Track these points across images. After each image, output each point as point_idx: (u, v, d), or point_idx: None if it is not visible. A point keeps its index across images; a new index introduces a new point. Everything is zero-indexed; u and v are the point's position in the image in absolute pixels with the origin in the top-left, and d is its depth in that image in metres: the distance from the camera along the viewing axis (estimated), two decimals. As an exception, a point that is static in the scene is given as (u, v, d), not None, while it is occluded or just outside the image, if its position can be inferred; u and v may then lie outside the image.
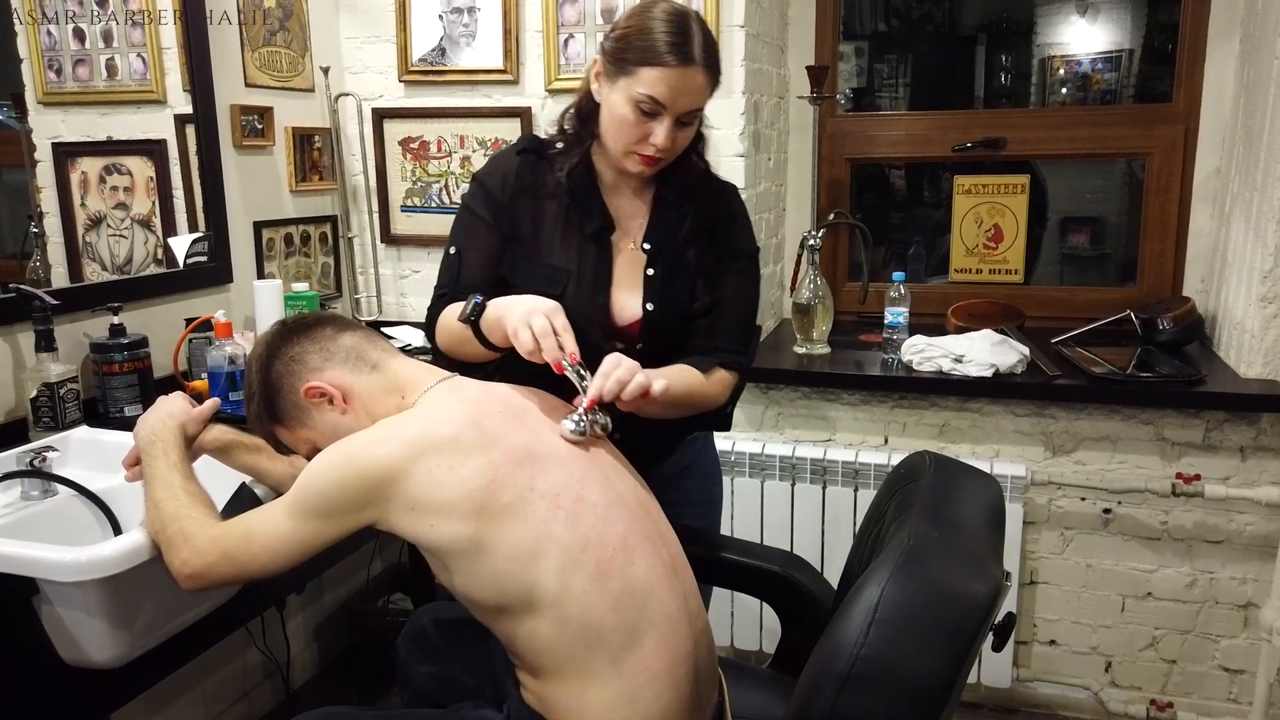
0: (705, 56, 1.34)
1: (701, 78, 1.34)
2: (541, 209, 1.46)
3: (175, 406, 1.35)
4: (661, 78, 1.32)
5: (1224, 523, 2.14)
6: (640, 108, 1.34)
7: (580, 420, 1.20)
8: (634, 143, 1.37)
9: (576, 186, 1.45)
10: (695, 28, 1.34)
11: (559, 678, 1.13)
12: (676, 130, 1.36)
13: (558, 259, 1.45)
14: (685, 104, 1.34)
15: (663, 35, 1.32)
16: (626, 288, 1.46)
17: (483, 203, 1.47)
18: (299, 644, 2.47)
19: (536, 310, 1.21)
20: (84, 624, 1.22)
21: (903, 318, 2.32)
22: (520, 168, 1.47)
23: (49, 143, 1.86)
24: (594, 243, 1.45)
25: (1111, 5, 3.02)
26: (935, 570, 0.97)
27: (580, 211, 1.45)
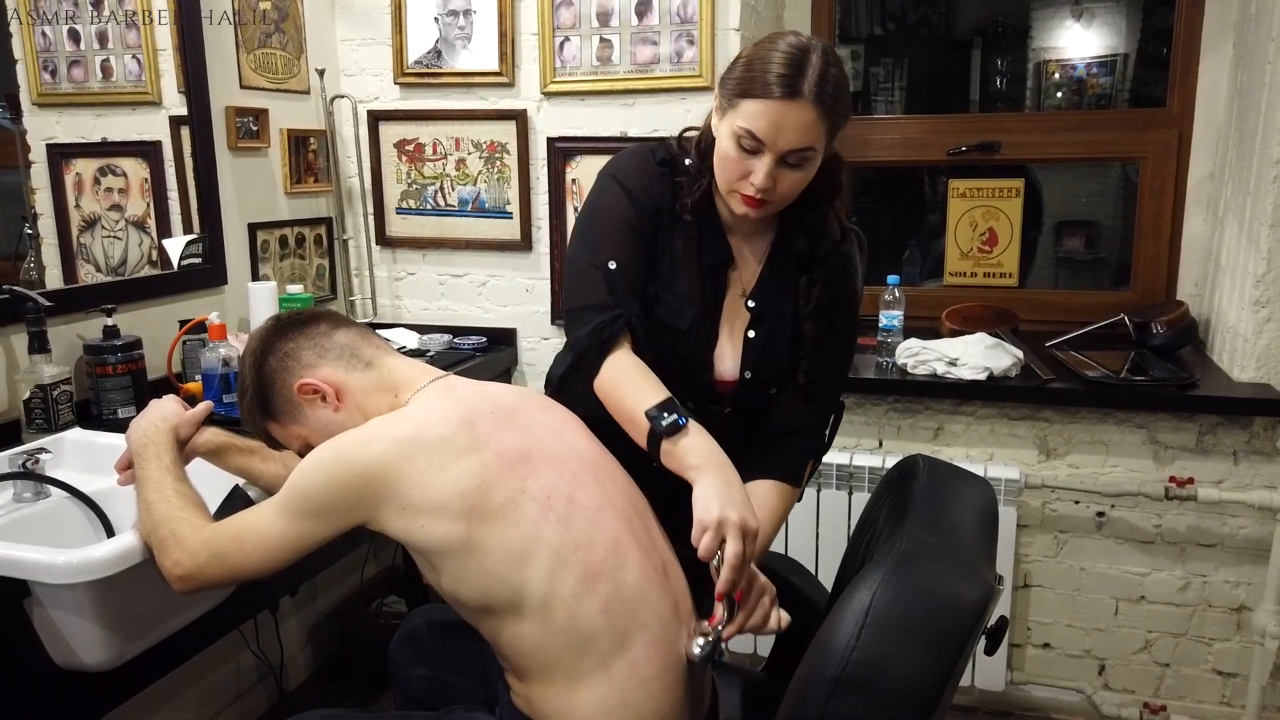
0: (818, 92, 1.20)
1: (810, 114, 1.21)
2: (673, 233, 1.36)
3: (168, 409, 1.35)
4: (761, 111, 1.21)
5: (1217, 526, 2.14)
6: (741, 143, 1.24)
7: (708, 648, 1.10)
8: (735, 180, 1.27)
9: (702, 222, 1.36)
10: (815, 60, 1.21)
11: (546, 680, 1.13)
12: (780, 170, 1.25)
13: (687, 289, 1.36)
14: (788, 142, 1.22)
15: (771, 66, 1.21)
16: (726, 342, 1.38)
17: (632, 212, 1.34)
18: (293, 647, 2.47)
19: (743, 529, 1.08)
20: (76, 626, 1.21)
21: (897, 321, 2.32)
22: (662, 181, 1.36)
23: (44, 144, 1.86)
24: (711, 279, 1.37)
25: (1106, 10, 3.03)
26: (927, 574, 0.97)
27: (706, 247, 1.36)
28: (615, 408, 1.27)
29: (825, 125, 1.23)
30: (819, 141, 1.24)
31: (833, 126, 1.25)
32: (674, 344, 1.36)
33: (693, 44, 2.29)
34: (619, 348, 1.29)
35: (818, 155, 1.26)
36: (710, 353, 1.38)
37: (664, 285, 1.36)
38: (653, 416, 1.19)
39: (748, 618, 1.12)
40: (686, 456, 1.16)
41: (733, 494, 1.11)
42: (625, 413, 1.24)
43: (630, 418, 1.23)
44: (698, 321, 1.36)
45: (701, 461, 1.15)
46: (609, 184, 1.37)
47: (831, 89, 1.22)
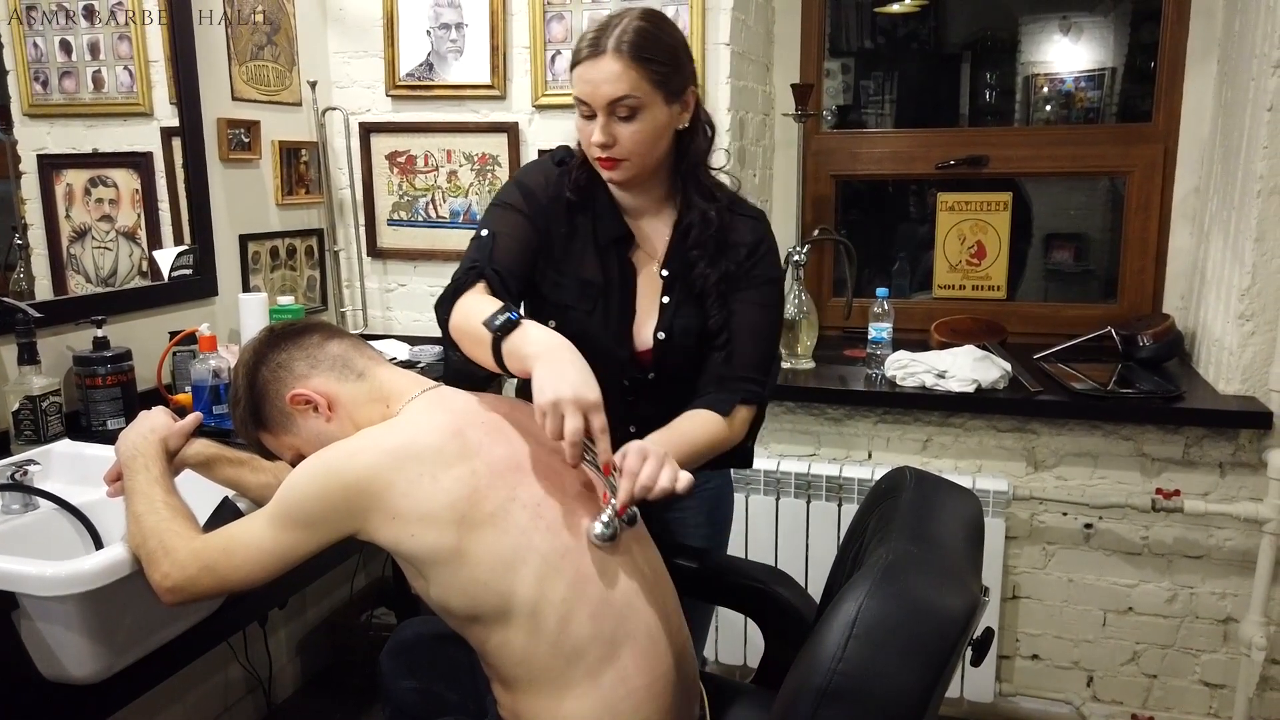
0: (617, 44, 1.31)
1: (615, 64, 1.31)
2: (570, 222, 1.45)
3: (157, 421, 1.35)
4: (578, 75, 1.34)
5: (1203, 538, 2.16)
6: (581, 113, 1.36)
7: (610, 523, 1.12)
8: (588, 148, 1.38)
9: (594, 204, 1.45)
10: (622, 23, 1.33)
11: (533, 690, 1.13)
12: (615, 125, 1.34)
13: (589, 273, 1.44)
14: (606, 93, 1.32)
15: (585, 35, 1.35)
16: (644, 313, 1.45)
17: (520, 198, 1.45)
18: (281, 659, 2.46)
19: (578, 404, 1.09)
20: (64, 639, 1.21)
21: (886, 333, 2.33)
22: (559, 177, 1.46)
23: (34, 154, 1.86)
24: (616, 258, 1.44)
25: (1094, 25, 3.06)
26: (913, 585, 0.97)
27: (602, 228, 1.45)
28: (462, 337, 1.29)
29: (638, 73, 1.31)
30: (637, 88, 1.32)
31: (652, 75, 1.32)
32: (584, 325, 1.42)
33: (683, 58, 2.30)
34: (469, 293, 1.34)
35: (649, 105, 1.34)
36: (627, 328, 1.44)
37: (561, 269, 1.44)
38: (487, 322, 1.21)
39: (633, 482, 1.10)
40: (523, 347, 1.17)
41: (565, 373, 1.11)
42: (469, 336, 1.26)
43: (475, 339, 1.24)
44: (601, 299, 1.43)
45: (536, 350, 1.16)
46: (507, 185, 1.50)
47: (635, 39, 1.31)
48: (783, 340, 2.40)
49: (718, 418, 1.40)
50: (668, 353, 1.44)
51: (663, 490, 1.12)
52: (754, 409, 1.46)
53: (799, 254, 2.40)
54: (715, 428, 1.40)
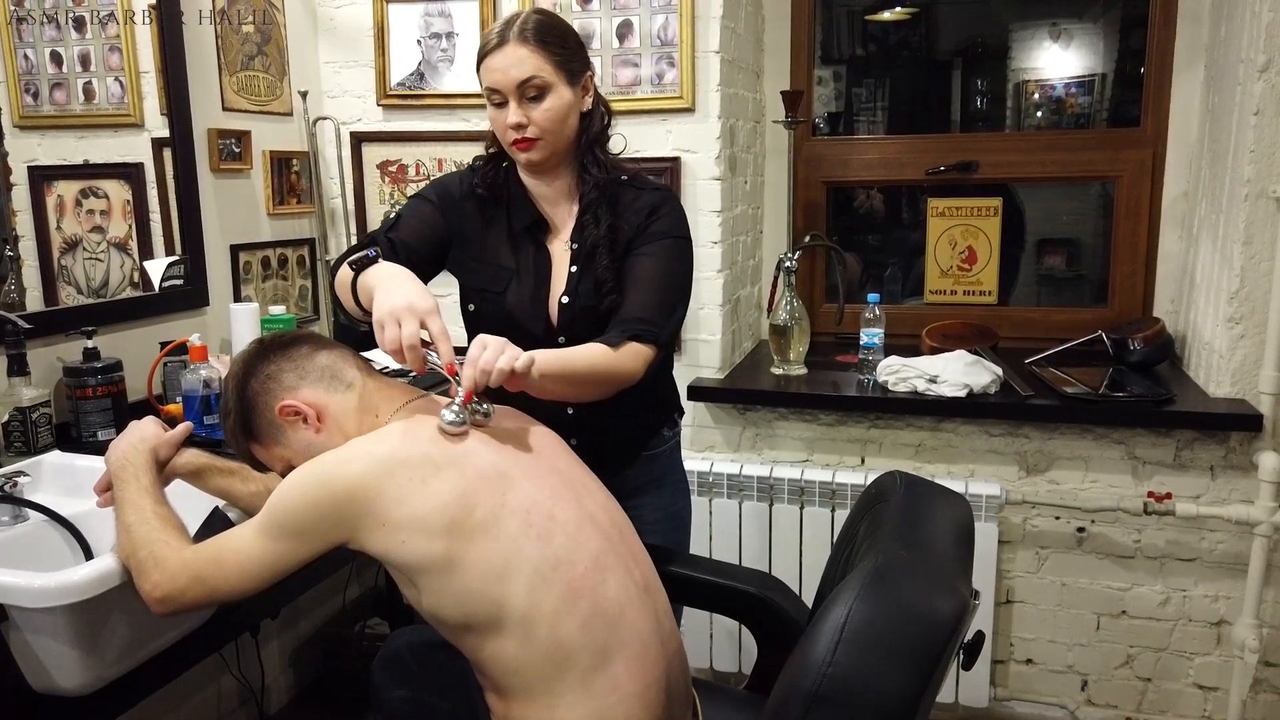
0: (519, 32, 1.41)
1: (521, 49, 1.41)
2: (487, 221, 1.56)
3: (148, 431, 1.35)
4: (488, 66, 1.43)
5: (1195, 541, 2.16)
6: (492, 102, 1.45)
7: (459, 413, 1.18)
8: (503, 134, 1.46)
9: (508, 197, 1.55)
10: (521, 15, 1.44)
11: (526, 698, 1.13)
12: (528, 106, 1.43)
13: (502, 259, 1.54)
14: (515, 76, 1.41)
15: (490, 32, 1.45)
16: (557, 287, 1.53)
17: (433, 193, 1.57)
18: (274, 670, 2.45)
19: (411, 311, 1.17)
20: (54, 651, 1.21)
21: (878, 339, 2.34)
22: (469, 179, 1.57)
23: (25, 166, 1.86)
24: (531, 243, 1.54)
25: (1084, 31, 3.08)
26: (902, 589, 0.98)
27: (514, 216, 1.54)
28: (339, 288, 1.36)
29: (541, 56, 1.42)
30: (542, 70, 1.42)
31: (554, 58, 1.43)
32: (499, 304, 1.52)
33: (673, 66, 2.31)
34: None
35: (553, 86, 1.44)
36: (540, 306, 1.52)
37: (479, 259, 1.55)
38: (351, 262, 1.30)
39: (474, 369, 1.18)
40: (373, 284, 1.24)
41: (400, 288, 1.20)
42: (341, 284, 1.34)
43: (343, 284, 1.33)
44: (514, 279, 1.52)
45: (379, 281, 1.23)
46: (428, 183, 1.62)
47: (535, 26, 1.43)
48: (775, 346, 2.41)
49: (602, 346, 1.41)
50: (572, 315, 1.51)
51: (501, 372, 1.18)
52: (649, 347, 1.44)
53: (790, 260, 2.40)
54: (597, 353, 1.40)
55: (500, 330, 1.40)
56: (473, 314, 1.58)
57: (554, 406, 1.47)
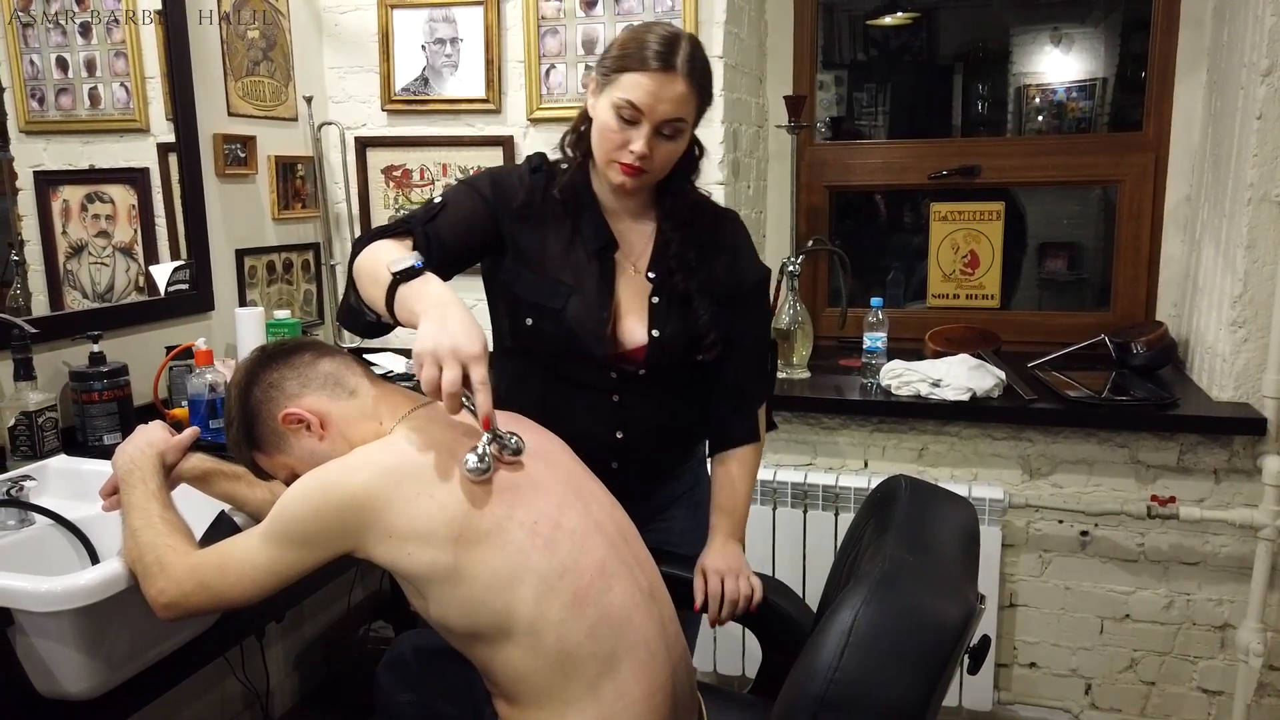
0: (689, 68, 1.33)
1: (682, 87, 1.33)
2: (546, 231, 1.46)
3: (154, 435, 1.35)
4: (639, 82, 1.32)
5: (1199, 544, 2.16)
6: (621, 114, 1.34)
7: (482, 456, 1.12)
8: (614, 149, 1.36)
9: (577, 207, 1.45)
10: (685, 44, 1.35)
11: (535, 706, 1.13)
12: (657, 140, 1.35)
13: (560, 272, 1.45)
14: (664, 111, 1.33)
15: (648, 44, 1.34)
16: (633, 314, 1.46)
17: (488, 187, 1.45)
18: (279, 673, 2.45)
19: (456, 355, 1.08)
20: (59, 655, 1.21)
21: (881, 343, 2.34)
22: (533, 187, 1.46)
23: (31, 171, 1.87)
24: (597, 260, 1.45)
25: (1085, 35, 3.08)
26: (909, 594, 0.98)
27: (582, 230, 1.45)
28: (362, 275, 1.27)
29: (695, 100, 1.36)
30: (690, 115, 1.37)
31: (700, 103, 1.38)
32: (558, 321, 1.43)
33: (677, 71, 2.31)
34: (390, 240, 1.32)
35: (688, 129, 1.39)
36: (607, 326, 1.44)
37: (534, 267, 1.44)
38: (390, 265, 1.19)
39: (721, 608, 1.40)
40: (415, 301, 1.16)
41: (447, 324, 1.10)
42: (369, 275, 1.25)
43: (373, 278, 1.23)
44: (574, 296, 1.43)
45: (425, 304, 1.15)
46: (484, 173, 1.51)
47: (700, 65, 1.36)
48: (778, 350, 2.41)
49: (751, 447, 1.54)
50: (660, 352, 1.46)
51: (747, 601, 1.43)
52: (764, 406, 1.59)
53: (793, 264, 2.41)
54: (755, 459, 1.56)
55: (559, 349, 1.44)
56: (531, 329, 1.46)
57: (600, 429, 1.47)
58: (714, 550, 1.49)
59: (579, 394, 1.47)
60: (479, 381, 1.10)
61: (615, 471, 1.43)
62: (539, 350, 1.47)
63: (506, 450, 1.16)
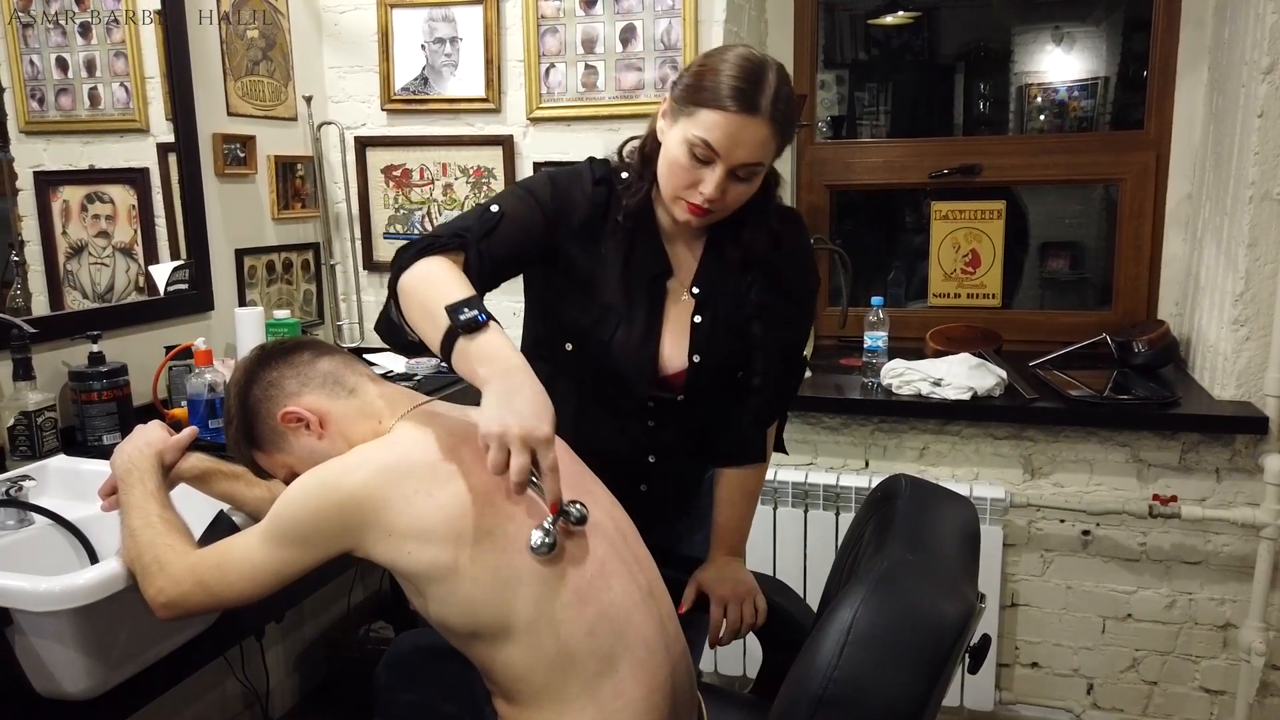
0: (774, 110, 1.23)
1: (764, 131, 1.23)
2: (601, 246, 1.37)
3: (153, 435, 1.35)
4: (718, 123, 1.22)
5: (1201, 544, 2.16)
6: (694, 152, 1.24)
7: (549, 531, 1.08)
8: (683, 188, 1.28)
9: (636, 229, 1.36)
10: (771, 78, 1.24)
11: (534, 704, 1.12)
12: (730, 183, 1.26)
13: (611, 298, 1.36)
14: (741, 156, 1.24)
15: (729, 79, 1.22)
16: (674, 335, 1.39)
17: (549, 198, 1.35)
18: (279, 674, 2.45)
19: (525, 441, 1.03)
20: (58, 655, 1.21)
21: (882, 342, 2.34)
22: (594, 202, 1.36)
23: (31, 171, 1.87)
24: (649, 287, 1.37)
25: (1086, 35, 3.08)
26: (908, 593, 0.97)
27: (639, 256, 1.36)
28: (412, 301, 1.19)
29: (776, 142, 1.26)
30: (769, 157, 1.28)
31: (782, 144, 1.28)
32: (603, 350, 1.37)
33: (676, 70, 2.32)
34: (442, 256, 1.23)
35: (764, 171, 1.29)
36: (647, 359, 1.37)
37: (583, 290, 1.36)
38: (452, 309, 1.11)
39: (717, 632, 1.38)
40: (477, 362, 1.09)
41: (514, 402, 1.04)
42: (422, 306, 1.17)
43: (427, 312, 1.15)
44: (623, 329, 1.35)
45: (491, 370, 1.08)
46: (540, 175, 1.40)
47: (784, 107, 1.24)
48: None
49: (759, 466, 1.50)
50: (702, 376, 1.39)
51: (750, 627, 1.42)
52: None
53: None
54: (761, 478, 1.52)
55: (599, 381, 1.37)
56: (570, 354, 1.39)
57: (633, 453, 1.43)
58: (718, 569, 1.47)
59: (612, 418, 1.42)
60: (548, 468, 1.05)
61: (644, 494, 1.41)
62: (574, 372, 1.41)
63: (570, 521, 1.11)
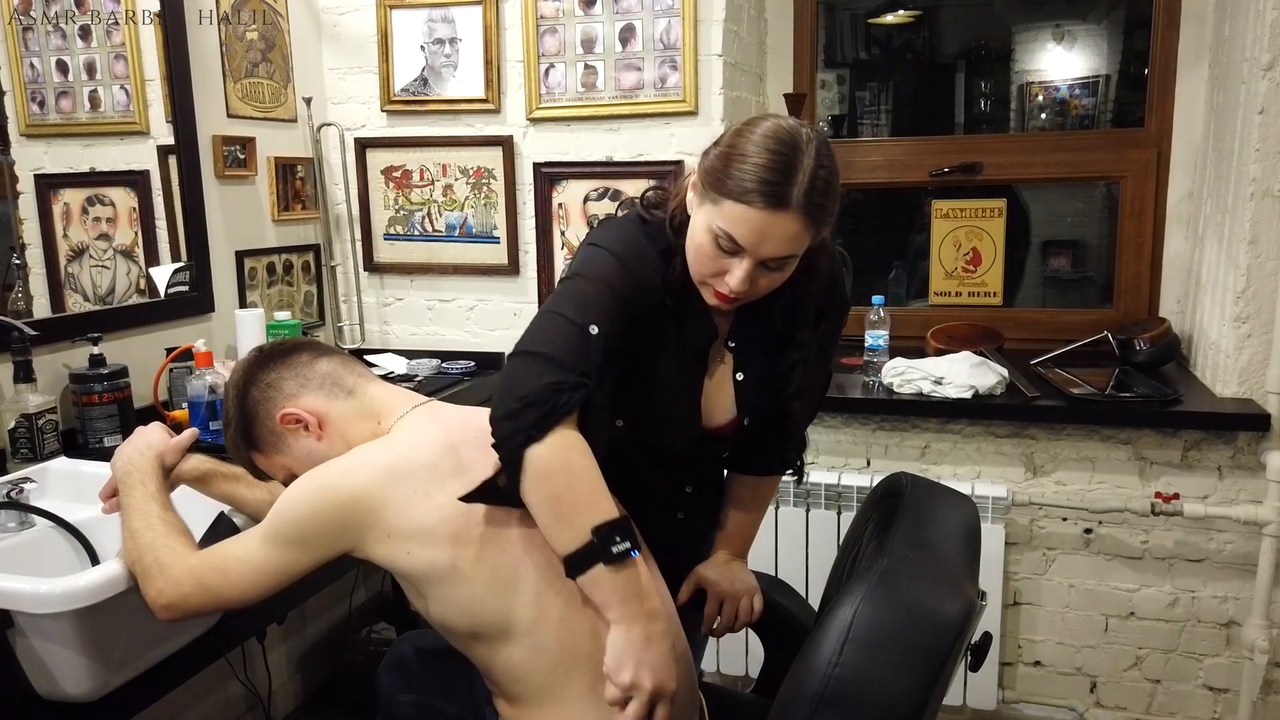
0: (806, 203, 1.10)
1: (796, 225, 1.11)
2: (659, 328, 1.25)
3: (153, 437, 1.35)
4: (743, 218, 1.11)
5: (1203, 541, 2.15)
6: (719, 242, 1.14)
7: None
8: (709, 275, 1.18)
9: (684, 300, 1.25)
10: (806, 163, 1.10)
11: (536, 704, 1.12)
12: (759, 272, 1.16)
13: (668, 375, 1.27)
14: (769, 251, 1.13)
15: (757, 168, 1.10)
16: (715, 389, 1.32)
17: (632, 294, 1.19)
18: (281, 675, 2.45)
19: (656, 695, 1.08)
20: (60, 656, 1.21)
21: (883, 341, 2.34)
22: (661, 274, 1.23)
23: (31, 174, 1.87)
24: (696, 356, 1.29)
25: (1087, 32, 3.07)
26: (908, 590, 0.97)
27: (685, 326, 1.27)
28: (543, 490, 1.09)
29: (811, 232, 1.14)
30: (802, 248, 1.16)
31: (818, 230, 1.15)
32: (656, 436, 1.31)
33: (676, 69, 2.32)
34: (570, 422, 1.11)
35: (799, 257, 1.18)
36: (694, 434, 1.31)
37: (646, 375, 1.26)
38: (604, 535, 1.07)
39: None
40: (616, 597, 1.07)
41: (649, 653, 1.08)
42: (568, 505, 1.09)
43: (564, 516, 1.09)
44: (676, 404, 1.29)
45: (630, 613, 1.08)
46: (619, 266, 1.21)
47: (820, 197, 1.12)
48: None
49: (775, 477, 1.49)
50: (752, 431, 1.36)
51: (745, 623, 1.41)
52: None
53: (795, 263, 2.40)
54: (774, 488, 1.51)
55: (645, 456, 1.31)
56: (620, 428, 1.27)
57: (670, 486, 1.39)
58: (719, 566, 1.45)
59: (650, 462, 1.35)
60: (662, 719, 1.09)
61: (680, 522, 1.41)
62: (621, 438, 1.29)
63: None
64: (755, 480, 1.47)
